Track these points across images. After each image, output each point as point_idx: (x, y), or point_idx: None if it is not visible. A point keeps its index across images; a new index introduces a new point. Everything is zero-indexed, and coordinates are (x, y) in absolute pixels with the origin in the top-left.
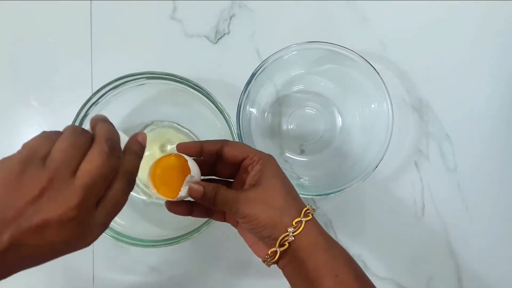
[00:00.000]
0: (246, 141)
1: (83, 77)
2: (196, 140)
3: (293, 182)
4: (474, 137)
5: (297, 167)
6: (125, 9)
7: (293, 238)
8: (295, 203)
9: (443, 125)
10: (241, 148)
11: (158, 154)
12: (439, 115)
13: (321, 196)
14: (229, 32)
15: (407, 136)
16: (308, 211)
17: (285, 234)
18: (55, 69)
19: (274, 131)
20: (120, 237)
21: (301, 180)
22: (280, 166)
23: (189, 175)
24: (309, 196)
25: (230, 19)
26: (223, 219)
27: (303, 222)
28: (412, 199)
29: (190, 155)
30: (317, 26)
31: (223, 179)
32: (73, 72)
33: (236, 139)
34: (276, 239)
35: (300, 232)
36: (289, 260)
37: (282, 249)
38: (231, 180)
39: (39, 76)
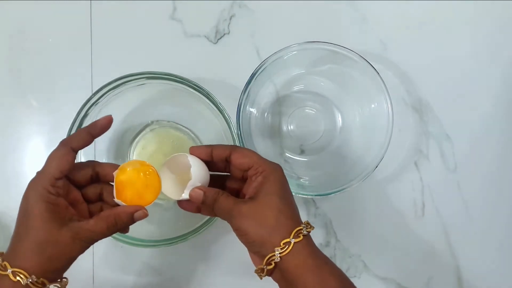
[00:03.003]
0: (246, 141)
1: (83, 77)
2: (198, 141)
3: (293, 182)
4: (474, 137)
5: (297, 167)
6: (125, 9)
7: (279, 259)
8: (288, 223)
9: (443, 125)
10: (248, 157)
11: (157, 155)
12: (439, 115)
13: (321, 196)
14: (229, 32)
15: (407, 136)
16: (300, 231)
17: (272, 254)
18: (55, 69)
19: (274, 131)
20: (120, 237)
21: (301, 180)
22: (280, 166)
23: (191, 180)
24: (309, 196)
25: (230, 19)
26: None
27: (292, 244)
28: (412, 199)
29: (201, 159)
30: (317, 26)
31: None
32: (73, 72)
33: (236, 139)
34: (265, 256)
35: (287, 253)
36: (280, 277)
37: (268, 267)
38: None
39: (39, 76)
